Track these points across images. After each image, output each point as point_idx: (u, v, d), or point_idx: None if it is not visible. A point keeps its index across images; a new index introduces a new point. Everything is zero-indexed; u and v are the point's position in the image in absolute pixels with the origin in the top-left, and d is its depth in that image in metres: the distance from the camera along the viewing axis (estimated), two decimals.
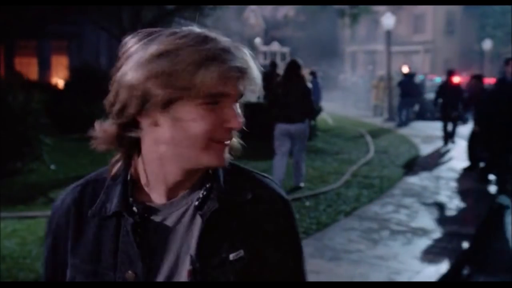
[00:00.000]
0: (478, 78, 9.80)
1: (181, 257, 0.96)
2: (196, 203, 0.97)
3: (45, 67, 18.39)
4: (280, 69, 12.03)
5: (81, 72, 12.67)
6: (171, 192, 0.98)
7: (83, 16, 13.50)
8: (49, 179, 7.28)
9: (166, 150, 0.93)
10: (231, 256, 0.96)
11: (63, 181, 6.99)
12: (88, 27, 15.44)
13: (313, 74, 15.15)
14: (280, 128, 6.91)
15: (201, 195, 0.98)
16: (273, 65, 11.76)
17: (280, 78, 7.00)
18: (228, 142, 0.96)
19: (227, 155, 0.97)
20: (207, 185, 0.99)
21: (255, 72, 0.94)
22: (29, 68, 17.87)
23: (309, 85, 7.08)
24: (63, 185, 7.31)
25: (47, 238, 1.05)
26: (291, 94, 6.50)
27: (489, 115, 7.52)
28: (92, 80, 11.30)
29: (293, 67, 6.91)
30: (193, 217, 0.97)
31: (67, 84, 13.49)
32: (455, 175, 8.92)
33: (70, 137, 10.05)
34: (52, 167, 7.81)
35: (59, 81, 16.16)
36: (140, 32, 0.96)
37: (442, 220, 6.24)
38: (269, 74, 9.82)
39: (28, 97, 7.78)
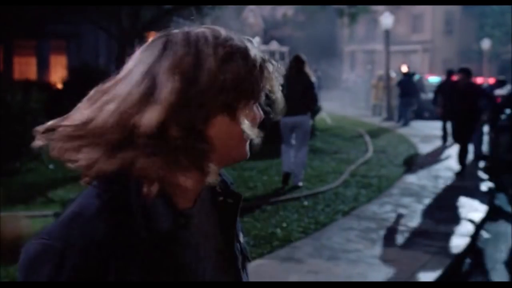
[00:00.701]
0: (465, 72, 8.83)
1: (210, 253, 0.97)
2: (221, 198, 1.01)
3: (44, 67, 18.34)
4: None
5: (80, 72, 12.64)
6: (197, 192, 0.96)
7: (82, 16, 13.46)
8: (48, 178, 7.28)
9: (215, 153, 0.91)
10: (242, 241, 1.06)
11: (62, 181, 7.00)
12: (87, 27, 15.40)
13: None
14: (283, 121, 6.99)
15: (218, 189, 1.01)
16: None
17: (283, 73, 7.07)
18: None
19: None
20: (219, 179, 0.99)
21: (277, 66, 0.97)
22: (28, 67, 17.83)
23: (313, 79, 7.20)
24: (62, 184, 7.35)
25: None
26: (294, 88, 6.54)
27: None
28: (91, 80, 11.27)
29: (297, 63, 7.05)
30: (210, 211, 1.00)
31: (66, 83, 13.48)
32: (454, 174, 8.92)
33: None
34: (51, 166, 7.80)
35: (58, 81, 16.15)
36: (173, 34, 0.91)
37: (441, 219, 6.24)
38: None
39: (26, 97, 7.77)
